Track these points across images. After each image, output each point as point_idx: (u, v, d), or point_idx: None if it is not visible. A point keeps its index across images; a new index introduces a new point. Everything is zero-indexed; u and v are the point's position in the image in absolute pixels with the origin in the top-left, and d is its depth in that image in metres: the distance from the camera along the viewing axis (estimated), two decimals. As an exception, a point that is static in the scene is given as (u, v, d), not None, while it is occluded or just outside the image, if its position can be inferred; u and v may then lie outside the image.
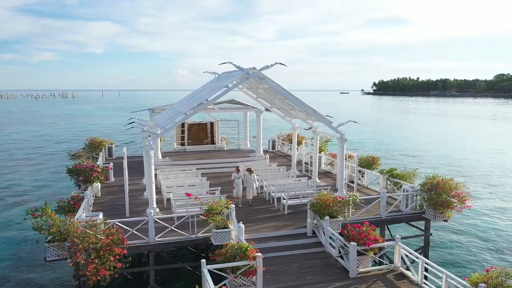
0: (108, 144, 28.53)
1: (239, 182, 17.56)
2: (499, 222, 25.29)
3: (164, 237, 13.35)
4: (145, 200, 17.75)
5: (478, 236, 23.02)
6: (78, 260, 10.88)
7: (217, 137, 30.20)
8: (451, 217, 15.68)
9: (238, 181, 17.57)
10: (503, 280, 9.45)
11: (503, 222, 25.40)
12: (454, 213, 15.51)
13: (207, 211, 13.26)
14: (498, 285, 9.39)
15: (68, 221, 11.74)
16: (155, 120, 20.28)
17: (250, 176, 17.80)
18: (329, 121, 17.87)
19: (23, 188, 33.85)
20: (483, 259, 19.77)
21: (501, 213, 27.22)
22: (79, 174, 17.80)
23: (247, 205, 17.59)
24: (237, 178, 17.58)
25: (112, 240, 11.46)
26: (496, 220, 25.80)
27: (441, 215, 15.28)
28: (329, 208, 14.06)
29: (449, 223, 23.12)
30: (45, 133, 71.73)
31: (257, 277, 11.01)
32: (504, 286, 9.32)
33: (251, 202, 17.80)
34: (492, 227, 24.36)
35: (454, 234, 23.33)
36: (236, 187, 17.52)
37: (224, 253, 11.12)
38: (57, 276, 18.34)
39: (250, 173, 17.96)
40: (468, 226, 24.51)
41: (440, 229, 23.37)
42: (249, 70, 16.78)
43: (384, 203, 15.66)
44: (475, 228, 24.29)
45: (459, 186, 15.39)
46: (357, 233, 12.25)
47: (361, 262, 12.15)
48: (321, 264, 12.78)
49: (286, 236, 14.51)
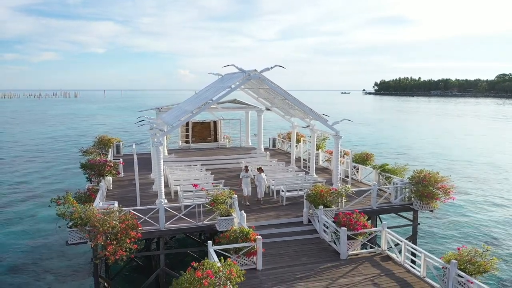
0: (116, 141, 29.88)
1: (247, 181, 17.72)
2: (483, 214, 27.35)
3: (173, 224, 14.70)
4: (154, 192, 19.11)
5: (463, 226, 25.00)
6: (98, 242, 12.25)
7: (220, 135, 31.53)
8: (437, 208, 16.96)
9: (246, 180, 17.73)
10: (472, 257, 10.78)
11: (486, 213, 27.53)
12: (439, 204, 16.78)
13: (212, 200, 14.61)
14: (468, 262, 10.72)
15: (88, 208, 13.10)
16: (163, 118, 21.63)
17: (260, 175, 18.06)
18: (324, 119, 19.18)
19: (33, 185, 35.38)
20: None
21: (485, 206, 29.21)
22: (93, 169, 19.16)
23: (256, 203, 17.94)
24: (245, 177, 17.78)
25: (127, 225, 12.83)
26: (480, 212, 27.85)
27: (427, 205, 16.59)
28: (323, 199, 15.41)
29: (436, 215, 25.02)
30: (51, 133, 73.24)
31: (258, 257, 12.40)
32: (472, 262, 10.66)
33: (261, 201, 18.09)
34: (476, 218, 26.46)
35: (441, 224, 25.23)
36: (244, 186, 17.72)
37: (228, 236, 12.51)
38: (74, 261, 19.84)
39: (260, 172, 18.25)
40: (454, 218, 26.43)
41: (428, 219, 25.13)
42: (250, 72, 18.06)
43: (375, 195, 16.97)
44: (460, 219, 26.24)
45: (444, 179, 16.70)
46: (348, 220, 13.59)
47: (351, 246, 13.48)
48: (315, 248, 14.12)
49: (284, 224, 15.87)
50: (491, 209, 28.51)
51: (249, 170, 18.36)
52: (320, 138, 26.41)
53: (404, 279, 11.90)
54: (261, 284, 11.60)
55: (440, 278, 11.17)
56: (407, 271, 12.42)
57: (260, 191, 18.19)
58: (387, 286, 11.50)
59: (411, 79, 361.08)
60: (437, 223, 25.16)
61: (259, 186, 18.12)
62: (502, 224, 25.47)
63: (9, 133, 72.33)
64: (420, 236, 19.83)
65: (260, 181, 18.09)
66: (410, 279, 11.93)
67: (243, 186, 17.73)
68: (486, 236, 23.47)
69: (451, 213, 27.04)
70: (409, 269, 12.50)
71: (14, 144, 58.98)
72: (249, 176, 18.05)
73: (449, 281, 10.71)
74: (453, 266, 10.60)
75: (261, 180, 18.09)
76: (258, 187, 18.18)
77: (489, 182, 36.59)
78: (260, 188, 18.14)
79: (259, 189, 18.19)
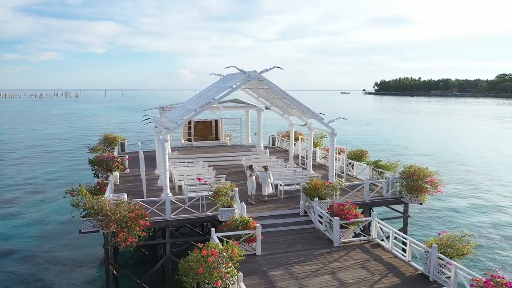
0: (121, 140, 30.96)
1: (252, 180, 17.84)
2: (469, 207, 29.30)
3: (178, 215, 15.77)
4: (158, 187, 20.18)
5: (451, 219, 26.61)
6: (110, 229, 13.33)
7: (221, 134, 32.63)
8: (426, 201, 18.04)
9: (251, 178, 17.85)
10: (451, 242, 11.86)
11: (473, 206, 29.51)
12: (428, 197, 17.85)
13: (215, 193, 15.68)
14: (448, 246, 11.80)
15: (101, 199, 14.19)
16: (167, 116, 22.70)
17: (266, 174, 18.24)
18: (321, 117, 20.24)
19: (39, 181, 36.49)
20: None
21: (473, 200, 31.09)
22: (102, 164, 20.24)
23: (260, 201, 18.20)
24: (250, 176, 17.97)
25: (136, 214, 13.91)
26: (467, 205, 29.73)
27: (416, 198, 17.67)
28: (318, 191, 16.49)
29: (426, 209, 26.65)
30: (54, 131, 74.38)
31: (257, 243, 13.50)
32: (451, 246, 11.74)
33: (266, 198, 18.39)
34: (463, 211, 28.38)
35: (430, 217, 26.82)
36: (249, 184, 17.91)
37: (230, 224, 13.60)
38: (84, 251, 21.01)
39: (266, 170, 18.41)
40: (443, 212, 28.07)
41: (418, 213, 26.71)
42: (250, 73, 19.12)
43: (367, 189, 18.04)
44: (448, 213, 27.90)
45: (432, 173, 17.78)
46: (341, 210, 14.66)
47: (344, 234, 14.56)
48: (310, 237, 15.21)
49: (281, 215, 16.97)
50: (477, 202, 30.33)
51: (254, 170, 18.49)
52: (318, 136, 27.47)
53: (391, 263, 12.98)
54: (260, 267, 12.68)
55: (423, 261, 12.25)
56: (394, 257, 13.51)
57: (265, 189, 18.31)
58: (375, 269, 12.57)
59: (411, 79, 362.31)
60: (426, 216, 26.80)
61: (265, 184, 18.28)
62: (487, 215, 27.31)
63: (13, 132, 73.48)
64: (411, 228, 21.00)
65: (266, 179, 18.22)
66: (396, 263, 13.01)
67: (248, 185, 17.94)
68: (470, 225, 25.17)
69: (438, 206, 28.78)
70: (396, 255, 13.59)
71: (19, 142, 60.12)
72: (254, 175, 18.16)
73: (431, 263, 11.79)
74: (434, 250, 11.68)
75: (266, 178, 18.21)
76: (264, 185, 18.37)
77: (478, 177, 38.30)
78: (265, 186, 18.29)
79: (264, 187, 18.36)
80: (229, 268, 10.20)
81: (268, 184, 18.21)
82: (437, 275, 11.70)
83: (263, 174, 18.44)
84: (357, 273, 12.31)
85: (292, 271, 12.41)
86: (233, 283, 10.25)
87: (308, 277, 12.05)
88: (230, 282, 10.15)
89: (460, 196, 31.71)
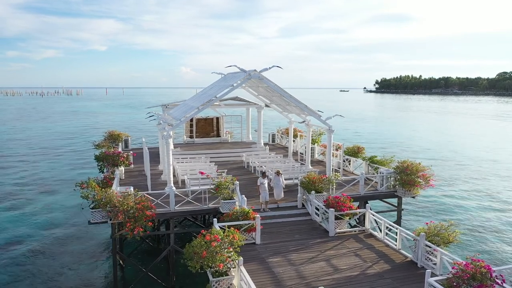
0: (125, 136, 31.78)
1: (264, 187, 17.34)
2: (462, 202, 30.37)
3: (182, 207, 16.60)
4: (162, 181, 21.00)
5: (443, 212, 27.82)
6: (119, 219, 14.17)
7: (222, 131, 33.44)
8: (418, 195, 18.87)
9: (263, 186, 17.34)
10: (438, 230, 12.68)
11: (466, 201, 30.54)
12: (420, 191, 18.67)
13: (217, 186, 16.51)
14: (435, 234, 12.63)
15: (109, 191, 15.03)
16: (170, 114, 23.50)
17: (278, 178, 18.01)
18: (318, 115, 21.03)
19: (43, 176, 37.37)
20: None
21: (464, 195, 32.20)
22: (108, 159, 21.07)
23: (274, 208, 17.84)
24: (263, 184, 17.45)
25: (143, 205, 14.75)
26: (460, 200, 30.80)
27: (409, 192, 18.49)
28: (315, 185, 17.32)
29: (419, 202, 27.84)
30: (57, 129, 75.31)
31: (256, 233, 14.32)
32: (438, 234, 12.57)
33: (278, 204, 18.12)
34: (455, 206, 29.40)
35: (423, 210, 28.01)
36: (262, 192, 17.41)
37: (231, 214, 14.43)
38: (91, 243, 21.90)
39: (278, 174, 18.15)
40: (435, 205, 29.23)
41: (412, 207, 27.83)
42: (250, 71, 19.88)
43: (363, 183, 18.84)
44: (440, 206, 29.14)
45: (424, 168, 18.60)
46: (336, 202, 15.49)
47: (339, 225, 15.38)
48: (307, 228, 16.04)
49: (280, 208, 17.79)
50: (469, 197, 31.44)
51: (266, 176, 18.15)
52: (316, 133, 28.27)
53: (382, 251, 13.81)
54: (259, 254, 13.52)
55: (412, 249, 13.08)
56: (386, 245, 14.33)
57: (277, 193, 18.04)
58: (367, 257, 13.40)
59: (412, 77, 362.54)
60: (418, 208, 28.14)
61: (277, 188, 18.00)
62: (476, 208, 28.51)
63: (18, 129, 74.41)
64: (404, 219, 21.96)
65: (278, 183, 17.98)
66: (387, 251, 13.84)
67: (260, 192, 17.48)
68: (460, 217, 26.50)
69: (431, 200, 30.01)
70: (387, 244, 14.41)
71: (24, 139, 61.02)
72: (266, 182, 17.67)
73: (419, 250, 12.62)
74: (422, 238, 12.50)
75: (278, 182, 17.97)
76: (276, 189, 18.06)
77: (472, 173, 39.47)
78: (277, 190, 18.04)
79: (276, 191, 18.06)
80: (230, 252, 11.04)
81: (280, 188, 18.05)
82: (424, 262, 12.53)
83: (275, 177, 18.21)
84: (350, 260, 13.14)
85: (290, 258, 13.25)
86: (234, 267, 11.09)
87: (305, 264, 12.88)
88: (231, 266, 10.99)
89: (452, 190, 33.09)
